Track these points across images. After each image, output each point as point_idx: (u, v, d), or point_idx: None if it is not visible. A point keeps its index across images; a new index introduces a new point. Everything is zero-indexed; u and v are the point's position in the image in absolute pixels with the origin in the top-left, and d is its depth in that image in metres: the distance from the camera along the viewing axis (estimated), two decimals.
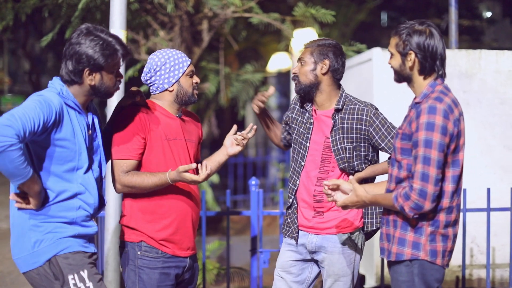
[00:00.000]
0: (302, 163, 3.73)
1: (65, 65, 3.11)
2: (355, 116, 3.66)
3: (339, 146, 3.65)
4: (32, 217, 3.06)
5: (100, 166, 3.28)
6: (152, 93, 3.58)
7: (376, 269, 6.03)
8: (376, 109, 3.71)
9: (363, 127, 3.64)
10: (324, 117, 3.73)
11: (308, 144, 3.72)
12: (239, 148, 3.62)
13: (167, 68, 3.49)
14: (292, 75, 3.79)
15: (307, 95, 3.74)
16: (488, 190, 5.04)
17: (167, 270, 3.46)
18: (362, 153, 3.67)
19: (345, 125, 3.66)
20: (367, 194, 3.14)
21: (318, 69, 3.68)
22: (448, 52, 6.17)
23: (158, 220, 3.45)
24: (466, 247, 5.31)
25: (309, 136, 3.73)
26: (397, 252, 3.12)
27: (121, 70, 4.46)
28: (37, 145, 3.03)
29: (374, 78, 6.13)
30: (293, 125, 3.84)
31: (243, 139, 3.61)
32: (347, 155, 3.64)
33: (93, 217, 3.24)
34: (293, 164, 3.81)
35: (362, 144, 3.66)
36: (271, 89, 3.85)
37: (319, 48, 3.69)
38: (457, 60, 6.17)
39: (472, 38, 15.41)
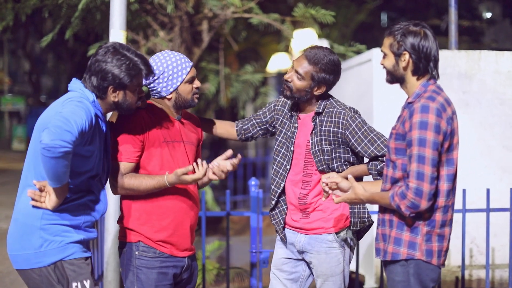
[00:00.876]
0: (288, 166, 3.74)
1: (89, 79, 3.16)
2: (333, 119, 3.65)
3: (317, 148, 3.66)
4: (44, 217, 3.07)
5: (107, 171, 3.32)
6: (152, 97, 3.57)
7: (376, 270, 6.03)
8: (355, 112, 3.68)
9: (340, 130, 3.62)
10: (307, 120, 3.73)
11: (293, 148, 3.73)
12: (215, 177, 3.50)
13: (165, 77, 3.46)
14: (284, 80, 3.70)
15: (295, 102, 3.75)
16: (488, 190, 5.05)
17: (165, 270, 3.45)
18: (342, 155, 3.66)
19: (323, 128, 3.66)
20: (365, 192, 3.15)
21: (313, 90, 3.65)
22: (447, 53, 6.18)
23: (156, 222, 3.44)
24: (465, 248, 5.31)
25: (294, 140, 3.73)
26: (393, 251, 3.13)
27: None
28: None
29: (374, 78, 6.14)
30: (280, 128, 3.82)
31: (222, 172, 3.46)
32: (325, 157, 3.64)
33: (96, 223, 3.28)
34: (276, 167, 3.79)
35: (341, 147, 3.65)
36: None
37: (321, 73, 3.60)
38: (457, 60, 6.17)
39: (472, 39, 15.43)
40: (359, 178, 3.71)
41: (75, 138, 2.86)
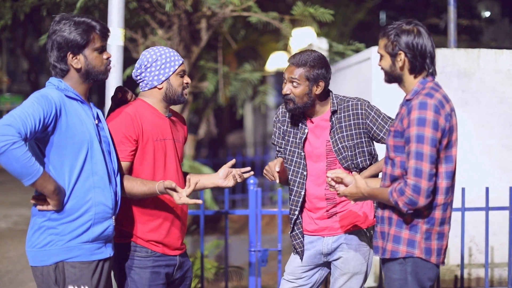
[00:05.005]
0: (305, 173, 3.69)
1: (50, 59, 3.11)
2: (351, 112, 3.66)
3: (339, 146, 3.65)
4: (52, 213, 3.02)
5: (111, 158, 3.22)
6: (141, 90, 3.54)
7: (375, 268, 6.03)
8: (369, 102, 3.72)
9: (360, 120, 3.65)
10: (321, 122, 3.70)
11: (303, 153, 3.69)
12: (231, 184, 3.56)
13: (158, 65, 3.45)
14: (283, 95, 3.67)
15: (302, 112, 3.71)
16: (487, 189, 5.04)
17: (158, 269, 3.43)
18: (365, 149, 3.67)
19: (342, 124, 3.66)
20: (367, 187, 3.15)
21: (313, 90, 3.63)
22: (446, 51, 6.18)
23: (147, 222, 3.42)
24: (464, 246, 5.30)
25: (303, 144, 3.69)
26: (392, 249, 3.12)
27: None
28: (49, 144, 3.01)
29: (373, 76, 6.13)
30: (287, 137, 3.76)
31: (239, 177, 3.56)
32: (349, 153, 3.64)
33: (114, 214, 3.18)
34: (293, 177, 3.72)
35: (364, 140, 3.66)
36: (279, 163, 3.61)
37: (313, 70, 3.60)
38: (456, 59, 6.16)
39: (471, 38, 15.41)
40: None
41: (21, 129, 2.80)
